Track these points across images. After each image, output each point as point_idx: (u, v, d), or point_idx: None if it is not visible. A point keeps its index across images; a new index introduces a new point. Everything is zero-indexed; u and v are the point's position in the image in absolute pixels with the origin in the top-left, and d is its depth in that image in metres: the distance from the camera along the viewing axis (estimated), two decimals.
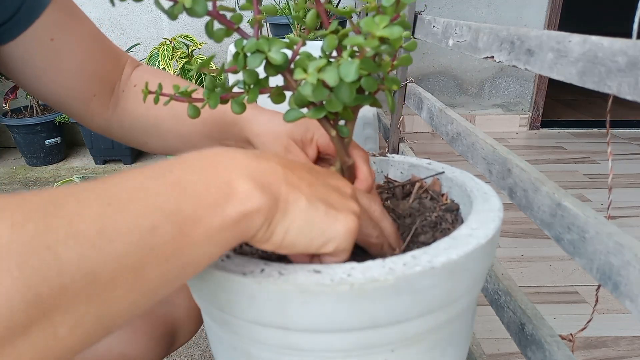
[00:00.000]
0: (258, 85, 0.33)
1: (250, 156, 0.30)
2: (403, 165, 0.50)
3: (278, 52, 0.30)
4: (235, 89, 0.34)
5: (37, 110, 2.17)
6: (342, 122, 0.36)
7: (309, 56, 0.32)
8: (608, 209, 0.42)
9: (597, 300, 0.44)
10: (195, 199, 0.25)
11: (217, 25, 0.31)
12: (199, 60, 1.98)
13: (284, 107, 0.35)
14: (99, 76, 0.55)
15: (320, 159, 0.48)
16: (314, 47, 0.37)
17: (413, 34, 0.96)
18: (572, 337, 0.46)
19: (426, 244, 0.36)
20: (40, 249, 0.20)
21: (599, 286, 0.37)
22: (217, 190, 0.26)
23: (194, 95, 0.35)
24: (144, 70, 0.59)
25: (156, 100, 0.35)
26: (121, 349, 0.54)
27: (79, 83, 0.54)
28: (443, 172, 0.46)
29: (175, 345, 0.61)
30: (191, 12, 0.28)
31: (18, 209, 0.20)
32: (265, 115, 0.49)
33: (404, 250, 0.36)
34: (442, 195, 0.45)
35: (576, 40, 0.38)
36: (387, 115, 1.48)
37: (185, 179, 0.26)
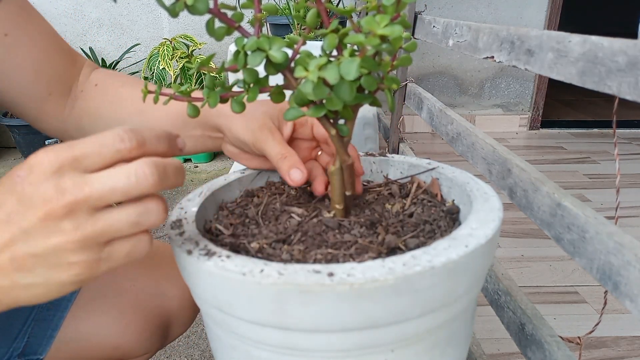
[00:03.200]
0: (258, 84, 0.33)
1: None
2: (403, 165, 0.50)
3: (279, 51, 0.30)
4: (235, 88, 0.34)
5: None
6: (341, 121, 0.36)
7: (309, 55, 0.32)
8: (616, 210, 0.41)
9: (605, 303, 0.44)
10: None
11: (218, 23, 0.31)
12: (199, 60, 1.98)
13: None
14: (54, 76, 0.54)
15: (294, 138, 0.48)
16: (313, 47, 0.37)
17: (413, 34, 0.96)
18: (580, 340, 0.46)
19: (424, 244, 0.36)
20: None
21: (606, 291, 0.37)
22: None
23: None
24: (104, 72, 0.59)
25: (156, 100, 0.34)
26: (114, 341, 0.54)
27: (33, 81, 0.53)
28: (435, 167, 0.46)
29: (170, 336, 0.61)
30: (192, 10, 0.28)
31: None
32: None
33: (405, 250, 0.36)
34: (436, 195, 0.45)
35: (576, 40, 0.38)
36: (387, 115, 1.48)
37: None
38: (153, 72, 2.01)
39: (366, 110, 1.36)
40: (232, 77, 1.43)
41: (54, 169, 0.27)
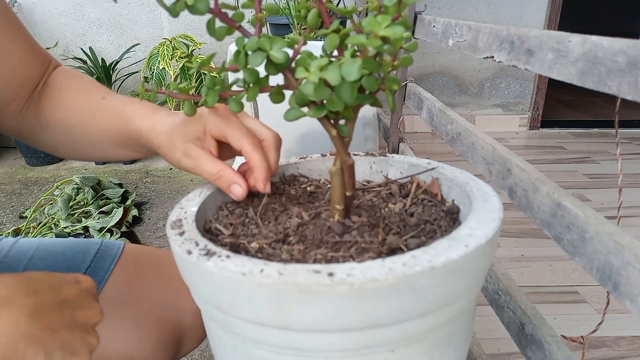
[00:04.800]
0: (258, 84, 0.33)
1: None
2: (403, 165, 0.50)
3: (280, 51, 0.30)
4: (235, 88, 0.34)
5: None
6: (342, 122, 0.36)
7: (310, 55, 0.32)
8: (618, 210, 0.41)
9: (608, 303, 0.44)
10: None
11: (218, 23, 0.31)
12: (199, 60, 1.98)
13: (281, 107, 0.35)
14: (26, 81, 0.54)
15: (223, 144, 0.46)
16: (313, 47, 0.37)
17: (413, 34, 0.96)
18: (583, 339, 0.46)
19: (425, 244, 0.36)
20: None
21: (608, 293, 0.37)
22: None
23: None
24: (59, 72, 0.58)
25: (153, 97, 0.34)
26: (129, 353, 0.55)
27: (7, 88, 0.52)
28: (435, 167, 0.46)
29: (182, 350, 0.61)
30: (193, 10, 0.28)
31: None
32: (163, 122, 0.47)
33: (405, 250, 0.36)
34: (436, 194, 0.45)
35: (576, 40, 0.38)
36: (387, 115, 1.48)
37: None
38: (153, 72, 2.01)
39: (366, 110, 1.36)
40: (231, 77, 1.43)
41: None
